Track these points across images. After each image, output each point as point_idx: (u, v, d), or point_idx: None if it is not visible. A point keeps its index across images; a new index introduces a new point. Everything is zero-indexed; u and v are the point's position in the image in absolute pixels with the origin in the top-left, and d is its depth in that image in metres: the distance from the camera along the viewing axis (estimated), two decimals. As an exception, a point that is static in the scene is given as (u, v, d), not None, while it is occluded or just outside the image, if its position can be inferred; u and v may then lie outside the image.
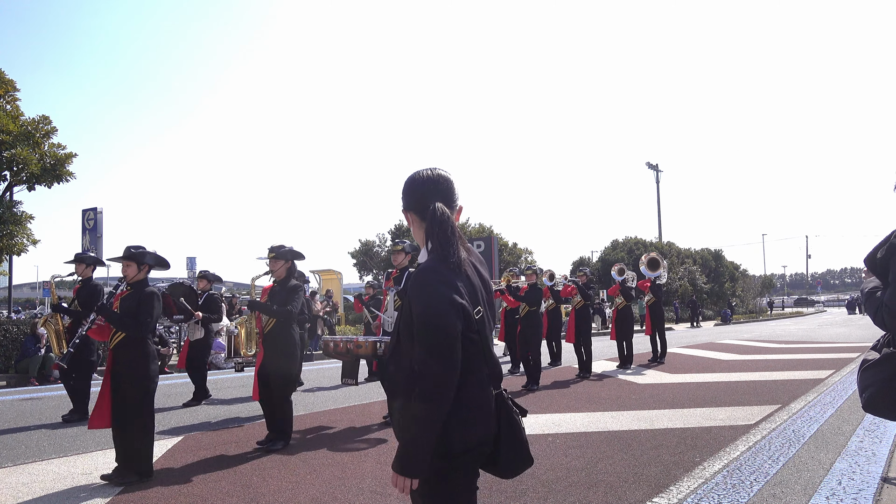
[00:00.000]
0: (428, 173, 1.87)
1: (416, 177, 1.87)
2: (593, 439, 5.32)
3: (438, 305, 1.66)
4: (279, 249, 5.47)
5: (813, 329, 24.07)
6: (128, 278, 4.57)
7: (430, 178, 1.86)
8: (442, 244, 1.75)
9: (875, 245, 2.52)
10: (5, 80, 15.56)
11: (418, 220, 1.84)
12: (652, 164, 48.87)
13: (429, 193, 1.83)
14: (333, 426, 6.23)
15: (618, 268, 11.62)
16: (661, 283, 12.20)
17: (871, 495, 3.64)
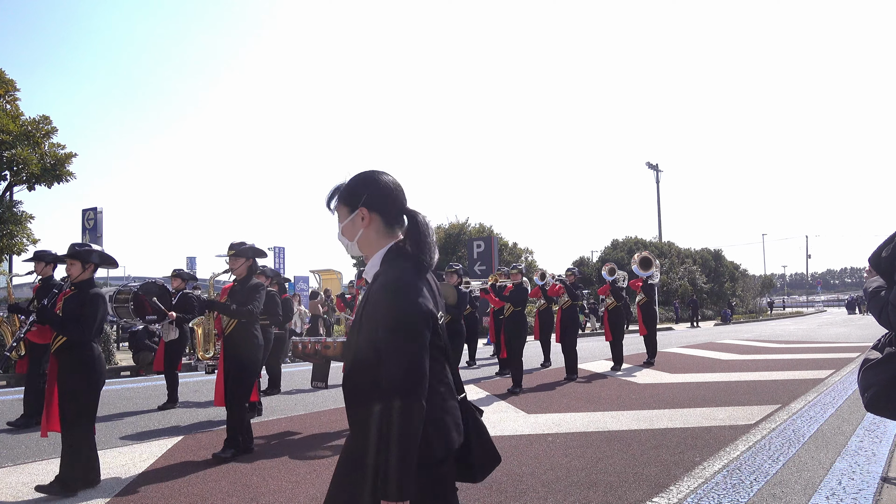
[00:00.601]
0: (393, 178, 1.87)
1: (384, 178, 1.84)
2: (593, 439, 5.32)
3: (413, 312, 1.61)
4: (239, 247, 5.21)
5: (813, 329, 24.07)
6: (72, 278, 4.31)
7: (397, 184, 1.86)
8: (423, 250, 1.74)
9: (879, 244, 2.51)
10: (5, 80, 15.57)
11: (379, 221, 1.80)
12: (652, 164, 48.85)
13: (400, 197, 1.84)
14: (333, 426, 6.23)
15: (608, 267, 11.36)
16: (654, 283, 11.94)
17: (871, 495, 3.64)
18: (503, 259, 31.32)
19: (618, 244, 42.88)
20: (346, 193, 1.83)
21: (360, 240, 1.82)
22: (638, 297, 11.90)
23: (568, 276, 10.20)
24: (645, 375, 9.85)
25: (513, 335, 8.56)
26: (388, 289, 1.64)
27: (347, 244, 1.87)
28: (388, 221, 1.81)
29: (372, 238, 1.81)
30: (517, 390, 8.14)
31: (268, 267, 7.58)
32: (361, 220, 1.80)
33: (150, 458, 5.00)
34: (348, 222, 1.82)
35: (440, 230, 35.11)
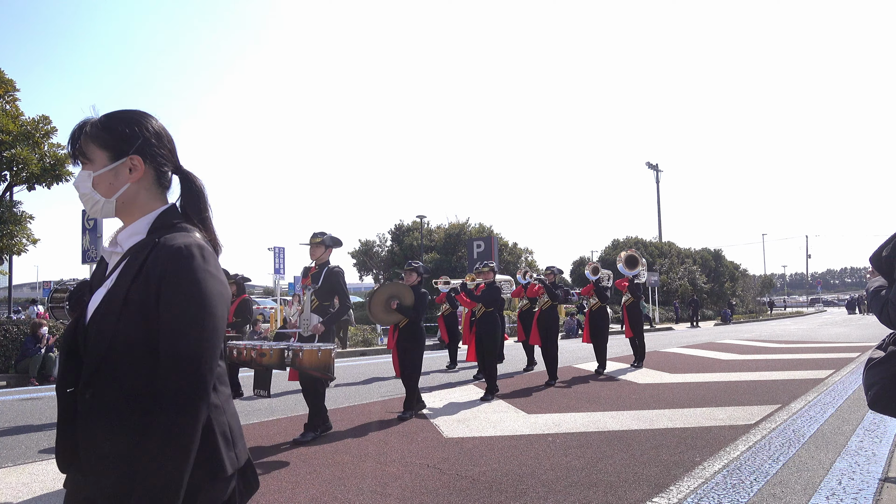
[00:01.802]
0: (164, 127, 1.46)
1: (157, 123, 1.44)
2: (593, 439, 5.32)
3: (215, 289, 1.28)
4: None
5: (813, 329, 24.07)
6: None
7: (170, 136, 1.47)
8: (205, 223, 1.43)
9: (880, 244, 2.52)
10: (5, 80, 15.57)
11: (152, 176, 1.41)
12: (652, 164, 48.87)
13: (175, 152, 1.47)
14: (333, 426, 6.23)
15: (592, 266, 10.77)
16: (640, 283, 11.64)
17: (871, 495, 3.63)
18: (503, 259, 31.34)
19: (618, 244, 42.87)
20: (110, 133, 1.37)
21: (122, 197, 1.38)
22: (624, 297, 11.37)
23: (547, 275, 9.63)
24: (645, 375, 9.85)
25: (485, 337, 7.99)
26: (182, 257, 1.26)
27: (97, 201, 1.38)
28: (161, 180, 1.43)
29: (141, 198, 1.39)
30: (489, 397, 7.69)
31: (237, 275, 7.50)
32: (129, 173, 1.37)
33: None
34: (107, 171, 1.36)
35: (440, 230, 35.13)
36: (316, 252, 5.76)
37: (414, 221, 33.84)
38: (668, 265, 41.65)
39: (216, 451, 1.29)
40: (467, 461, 4.66)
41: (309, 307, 5.70)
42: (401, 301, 6.60)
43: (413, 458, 4.82)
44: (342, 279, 5.73)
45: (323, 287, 5.66)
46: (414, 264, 7.03)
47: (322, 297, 5.66)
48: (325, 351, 5.16)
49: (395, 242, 35.07)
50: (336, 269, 5.74)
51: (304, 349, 5.11)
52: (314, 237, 5.79)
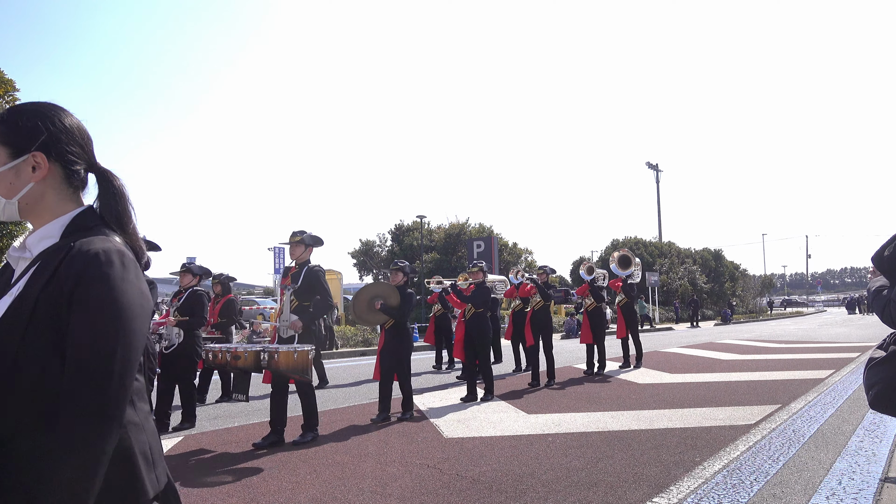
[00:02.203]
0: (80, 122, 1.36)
1: (70, 118, 1.33)
2: (593, 439, 5.32)
3: (136, 300, 1.17)
4: None
5: (813, 329, 24.07)
6: None
7: (86, 131, 1.35)
8: (125, 227, 1.30)
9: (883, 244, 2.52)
10: (4, 80, 15.57)
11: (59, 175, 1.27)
12: (652, 164, 48.89)
13: (90, 148, 1.35)
14: (333, 426, 6.23)
15: (587, 266, 10.58)
16: (634, 283, 11.40)
17: (871, 495, 3.63)
18: (503, 259, 31.34)
19: (618, 244, 42.87)
20: (10, 128, 1.25)
21: (26, 199, 1.25)
22: (618, 297, 11.24)
23: (539, 274, 9.43)
24: (645, 375, 9.85)
25: (477, 338, 7.78)
26: (99, 263, 1.15)
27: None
28: (72, 179, 1.29)
29: (49, 199, 1.27)
30: (489, 397, 7.63)
31: (195, 263, 7.05)
32: (33, 171, 1.25)
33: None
34: (7, 170, 1.23)
35: (440, 230, 35.13)
36: (295, 251, 5.64)
37: (414, 221, 33.85)
38: (668, 265, 41.65)
39: (136, 473, 1.18)
40: (467, 461, 4.66)
41: (288, 307, 5.55)
42: (385, 301, 6.45)
43: (413, 458, 4.82)
44: (322, 278, 5.58)
45: (303, 286, 5.52)
46: (400, 264, 6.82)
47: (302, 297, 5.53)
48: (301, 352, 5.03)
49: (395, 242, 35.08)
50: (316, 268, 5.60)
51: (279, 350, 4.97)
52: (293, 236, 5.67)
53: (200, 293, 6.61)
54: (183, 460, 4.94)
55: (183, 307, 6.51)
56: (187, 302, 6.52)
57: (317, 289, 5.53)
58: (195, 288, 6.67)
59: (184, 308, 6.50)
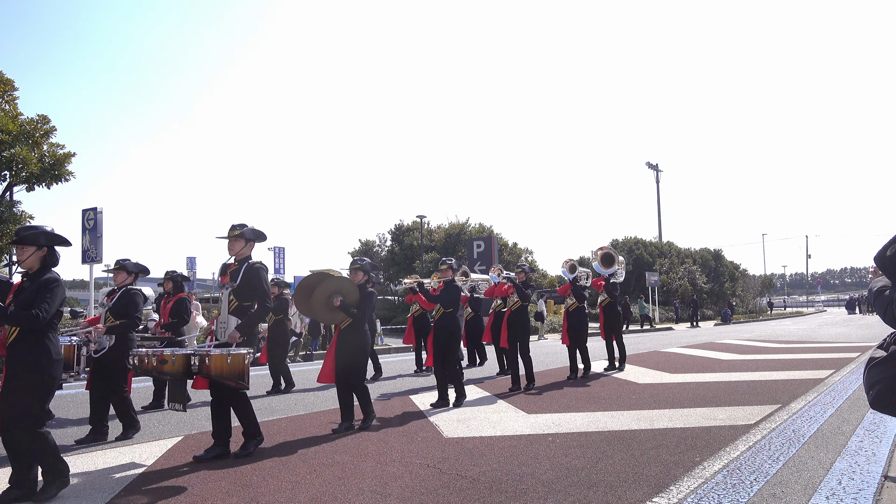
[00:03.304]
0: None
1: None
2: (593, 439, 5.32)
3: None
4: (25, 233, 4.12)
5: (813, 329, 24.07)
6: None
7: None
8: None
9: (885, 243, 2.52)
10: (4, 80, 15.58)
11: None
12: (652, 164, 48.90)
13: None
14: (334, 426, 6.23)
15: (569, 264, 9.99)
16: (618, 282, 10.87)
17: (871, 495, 3.63)
18: (503, 259, 31.34)
19: (617, 244, 42.89)
20: None
21: None
22: (600, 297, 10.78)
23: (518, 273, 8.94)
24: (645, 375, 9.85)
25: (445, 340, 7.34)
26: None
27: None
28: None
29: None
30: (461, 402, 7.30)
31: (129, 260, 6.37)
32: None
33: (150, 458, 5.00)
34: None
35: (440, 230, 35.14)
36: (235, 246, 5.20)
37: (414, 221, 33.85)
38: (668, 265, 41.67)
39: None
40: (467, 461, 4.66)
41: (227, 308, 5.10)
42: (345, 299, 6.00)
43: (413, 458, 4.82)
44: (263, 277, 5.14)
45: (242, 285, 5.09)
46: (360, 262, 6.39)
47: (241, 297, 5.10)
48: (235, 356, 4.64)
49: (395, 242, 35.08)
50: (257, 265, 5.18)
51: (211, 354, 4.59)
52: (232, 230, 5.21)
53: (134, 292, 6.02)
54: (182, 460, 4.94)
55: (115, 308, 5.90)
56: (120, 302, 5.92)
57: (256, 288, 5.08)
58: (129, 287, 6.07)
59: (116, 309, 5.90)
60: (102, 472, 4.63)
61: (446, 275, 7.58)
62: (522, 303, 8.71)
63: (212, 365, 4.59)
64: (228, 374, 4.61)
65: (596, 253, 10.76)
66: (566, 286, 9.97)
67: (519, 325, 8.67)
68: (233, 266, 5.22)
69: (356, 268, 6.36)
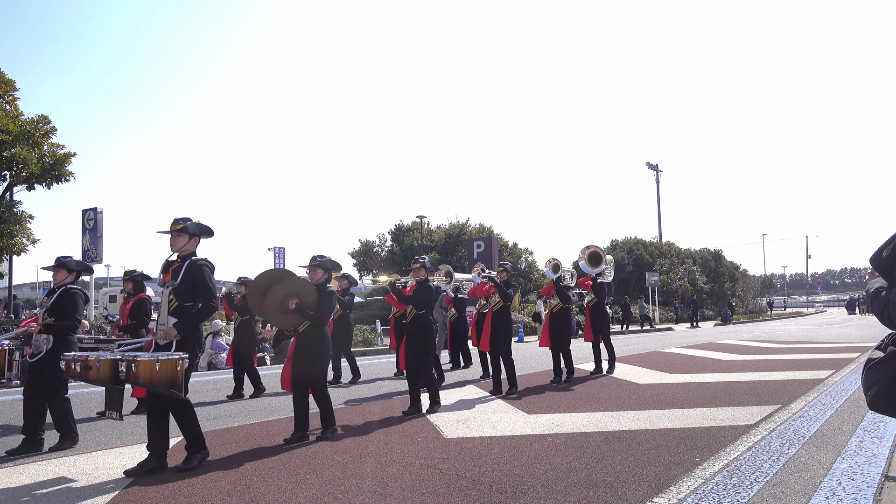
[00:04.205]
0: None
1: None
2: (593, 439, 5.32)
3: None
4: None
5: (813, 329, 24.08)
6: None
7: None
8: None
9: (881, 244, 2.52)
10: (4, 80, 15.59)
11: None
12: (652, 164, 48.92)
13: None
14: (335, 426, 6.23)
15: (552, 263, 9.51)
16: (605, 282, 10.42)
17: (871, 495, 3.64)
18: (503, 259, 31.36)
19: (617, 244, 42.92)
20: None
21: None
22: (587, 297, 10.33)
23: (499, 272, 8.56)
24: (645, 375, 9.85)
25: (418, 342, 6.92)
26: None
27: None
28: None
29: None
30: (435, 408, 6.87)
31: (71, 258, 6.02)
32: None
33: (150, 458, 4.99)
34: None
35: (440, 230, 35.16)
36: (177, 242, 4.80)
37: (414, 221, 33.87)
38: (668, 265, 41.69)
39: None
40: (467, 461, 4.66)
41: (166, 309, 4.69)
42: (301, 300, 5.57)
43: (413, 458, 4.83)
44: (208, 274, 4.76)
45: (183, 284, 4.70)
46: (319, 258, 5.95)
47: (182, 297, 4.70)
48: (165, 362, 4.28)
49: (395, 242, 35.12)
50: (201, 262, 4.79)
51: (139, 360, 4.23)
52: (174, 223, 4.81)
53: (74, 292, 5.64)
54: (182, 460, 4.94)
55: (53, 308, 5.53)
56: (58, 302, 5.54)
57: (200, 287, 4.72)
58: (69, 286, 5.66)
59: (54, 309, 5.53)
60: (102, 472, 4.63)
61: (419, 274, 7.11)
62: (504, 303, 8.39)
63: (140, 372, 4.20)
64: (159, 381, 4.26)
65: (583, 251, 10.28)
66: (549, 286, 9.59)
67: (500, 326, 8.33)
68: (175, 263, 4.85)
69: (315, 265, 5.91)
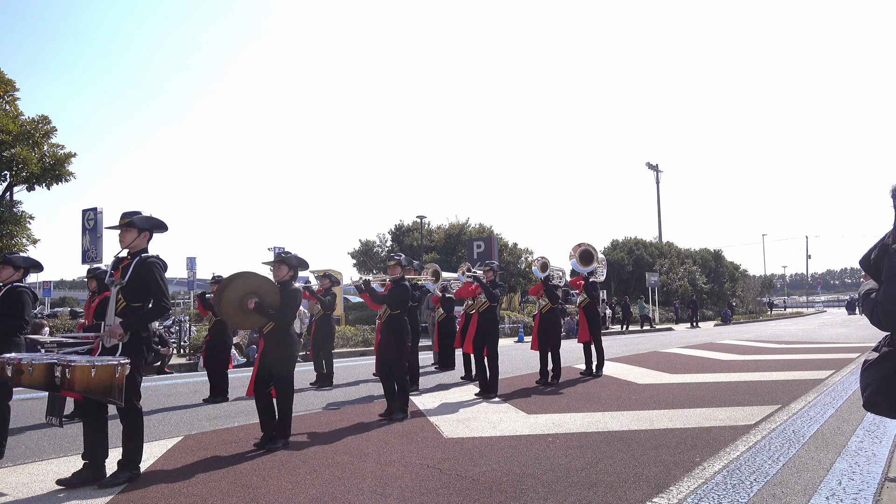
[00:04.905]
0: None
1: None
2: (593, 439, 5.32)
3: None
4: None
5: (813, 329, 24.08)
6: None
7: None
8: None
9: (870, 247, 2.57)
10: (5, 80, 15.60)
11: None
12: (652, 164, 48.95)
13: None
14: (333, 426, 6.23)
15: (540, 262, 9.22)
16: (598, 281, 10.23)
17: (871, 495, 3.64)
18: (503, 259, 31.35)
19: (617, 244, 42.94)
20: None
21: None
22: (580, 297, 10.04)
23: (485, 271, 8.31)
24: (645, 375, 9.85)
25: (390, 345, 6.57)
26: None
27: None
28: None
29: None
30: (400, 416, 6.45)
31: (17, 255, 5.75)
32: None
33: (150, 458, 4.99)
34: None
35: (440, 230, 35.16)
36: (126, 238, 4.51)
37: (414, 221, 33.88)
38: (668, 265, 41.69)
39: None
40: (467, 461, 4.66)
41: (113, 309, 4.41)
42: (261, 300, 5.29)
43: (413, 458, 4.83)
44: (158, 272, 4.47)
45: (132, 282, 4.42)
46: (284, 254, 5.71)
47: (130, 297, 4.42)
48: (102, 368, 3.96)
49: (396, 242, 35.10)
50: (151, 259, 4.50)
51: (73, 365, 3.90)
52: (122, 218, 4.53)
53: (21, 290, 5.33)
54: (182, 460, 4.94)
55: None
56: (3, 301, 5.26)
57: (150, 285, 4.43)
58: (16, 284, 5.37)
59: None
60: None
61: (394, 272, 6.80)
62: (491, 303, 8.16)
63: (75, 378, 3.87)
64: (95, 388, 3.93)
65: (574, 249, 10.00)
66: (538, 286, 9.28)
67: (487, 328, 8.09)
68: (126, 260, 4.55)
69: (279, 261, 5.66)
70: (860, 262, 2.65)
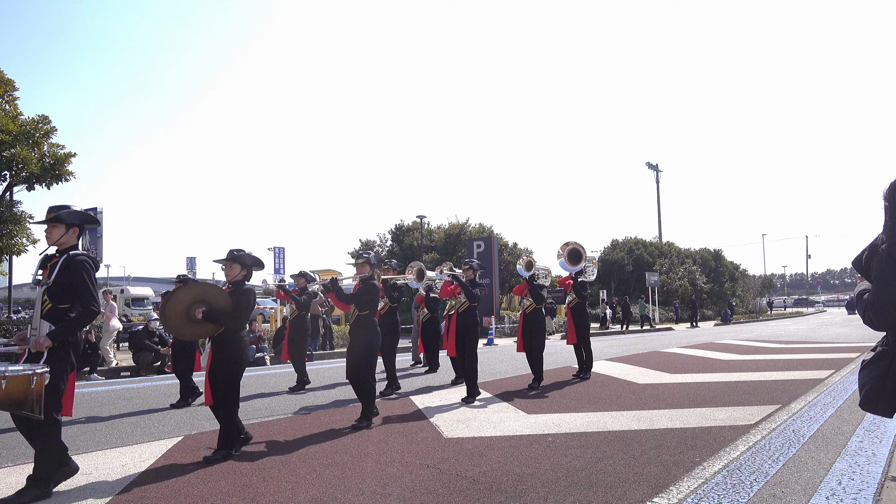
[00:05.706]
0: None
1: None
2: (593, 439, 5.32)
3: None
4: None
5: (813, 329, 24.09)
6: None
7: None
8: None
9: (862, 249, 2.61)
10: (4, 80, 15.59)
11: None
12: (652, 164, 48.97)
13: None
14: (333, 426, 6.23)
15: (525, 260, 8.87)
16: (587, 281, 9.98)
17: (871, 495, 3.64)
18: (503, 259, 31.35)
19: (617, 244, 42.96)
20: None
21: None
22: (568, 297, 9.77)
23: (465, 271, 8.06)
24: (645, 375, 9.85)
25: (358, 348, 6.19)
26: None
27: None
28: None
29: None
30: (364, 424, 6.07)
31: None
32: None
33: (150, 458, 5.00)
34: None
35: (440, 230, 35.17)
36: (53, 234, 4.15)
37: (414, 221, 33.90)
38: (668, 265, 41.71)
39: None
40: (467, 461, 4.66)
41: (39, 311, 4.06)
42: (210, 307, 4.92)
43: (413, 458, 4.83)
44: (87, 273, 4.10)
45: (58, 283, 4.04)
46: (236, 252, 5.26)
47: (56, 298, 4.05)
48: (14, 379, 3.60)
49: (395, 242, 35.13)
50: (80, 257, 4.13)
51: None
52: (48, 212, 4.17)
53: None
54: (182, 460, 4.94)
55: None
56: None
57: (78, 287, 4.06)
58: None
59: None
60: (102, 472, 4.63)
61: (363, 271, 6.41)
62: (470, 303, 7.97)
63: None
64: (7, 401, 3.63)
65: (563, 248, 9.60)
66: (522, 286, 8.93)
67: (466, 328, 7.92)
68: (54, 258, 4.18)
69: (231, 259, 5.24)
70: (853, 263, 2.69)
